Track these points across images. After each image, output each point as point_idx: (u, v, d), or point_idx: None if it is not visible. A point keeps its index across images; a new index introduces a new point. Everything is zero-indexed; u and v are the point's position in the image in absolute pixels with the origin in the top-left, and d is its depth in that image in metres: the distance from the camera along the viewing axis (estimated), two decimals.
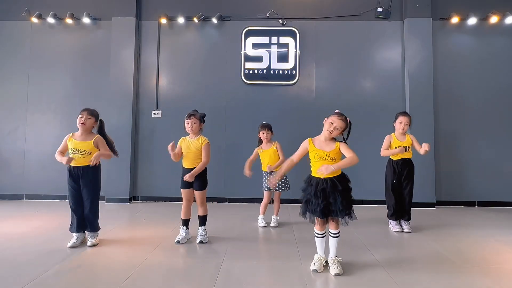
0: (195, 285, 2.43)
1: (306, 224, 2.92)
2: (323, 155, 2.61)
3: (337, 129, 2.60)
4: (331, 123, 2.61)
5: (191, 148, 3.31)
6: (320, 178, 2.61)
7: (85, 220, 3.25)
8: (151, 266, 2.75)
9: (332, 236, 2.68)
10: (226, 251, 3.12)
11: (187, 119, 3.34)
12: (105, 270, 2.68)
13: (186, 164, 3.34)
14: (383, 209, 4.40)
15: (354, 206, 2.68)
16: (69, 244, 3.16)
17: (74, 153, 3.20)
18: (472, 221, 4.34)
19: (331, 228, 2.68)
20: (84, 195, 3.22)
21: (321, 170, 2.54)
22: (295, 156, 2.74)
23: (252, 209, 4.70)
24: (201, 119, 3.40)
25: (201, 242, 3.32)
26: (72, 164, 3.18)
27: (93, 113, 3.32)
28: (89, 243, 3.21)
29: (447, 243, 3.40)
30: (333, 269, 2.60)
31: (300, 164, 2.76)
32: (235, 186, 5.36)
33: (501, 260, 2.96)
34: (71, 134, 3.29)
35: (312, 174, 2.70)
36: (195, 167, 3.27)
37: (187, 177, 3.21)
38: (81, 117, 3.24)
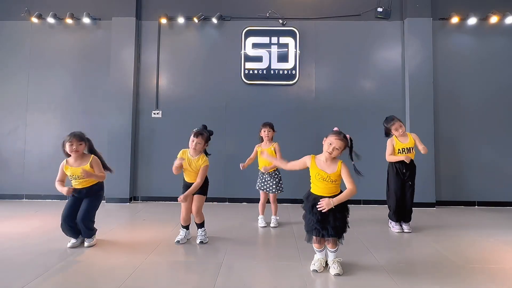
0: (195, 285, 2.43)
1: None
2: (324, 176, 2.55)
3: (336, 149, 2.52)
4: (329, 144, 2.54)
5: (191, 166, 3.27)
6: (319, 195, 2.57)
7: (80, 230, 3.20)
8: (151, 266, 2.75)
9: (331, 252, 2.66)
10: (226, 251, 3.12)
11: (194, 137, 3.24)
12: (105, 270, 2.68)
13: (188, 179, 3.32)
14: (383, 209, 4.41)
15: (355, 206, 2.67)
16: (69, 244, 3.16)
17: (74, 179, 3.18)
18: (472, 221, 4.34)
19: (329, 247, 2.65)
20: (82, 208, 3.19)
21: (321, 205, 2.47)
22: (291, 164, 2.69)
23: (252, 209, 4.71)
24: (208, 138, 3.33)
25: (201, 242, 3.32)
26: (75, 186, 3.20)
27: (82, 138, 3.22)
28: (86, 244, 3.21)
29: (447, 243, 3.40)
30: (333, 269, 2.60)
31: (302, 170, 2.74)
32: (235, 186, 5.36)
33: (501, 260, 2.95)
34: (65, 161, 3.21)
35: (311, 190, 2.65)
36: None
37: (181, 198, 3.18)
38: (71, 145, 3.13)
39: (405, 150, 3.79)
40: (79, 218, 3.14)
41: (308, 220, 2.60)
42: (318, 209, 2.50)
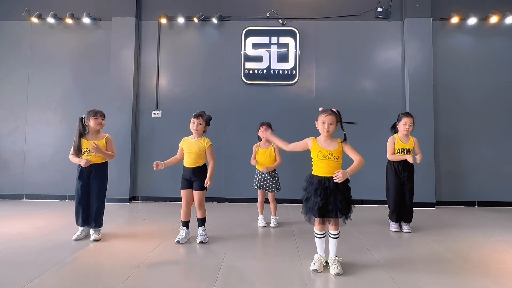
0: (195, 285, 2.43)
1: (306, 224, 2.92)
2: (326, 154, 2.62)
3: (331, 124, 2.63)
4: (323, 123, 2.65)
5: (193, 148, 3.32)
6: (322, 176, 2.62)
7: (91, 215, 3.37)
8: (151, 266, 2.75)
9: (332, 237, 2.68)
10: (226, 251, 3.12)
11: (194, 119, 3.34)
12: (105, 270, 2.68)
13: (187, 164, 3.35)
14: (383, 209, 4.41)
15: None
16: (74, 237, 3.30)
17: (87, 152, 3.35)
18: (472, 221, 4.34)
19: (331, 229, 2.68)
20: (92, 191, 3.38)
21: (337, 177, 2.51)
22: (292, 145, 2.78)
23: (252, 209, 4.71)
24: (207, 121, 3.43)
25: (201, 242, 3.32)
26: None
27: (104, 116, 3.54)
28: (92, 237, 3.33)
29: (447, 243, 3.40)
30: (333, 269, 2.61)
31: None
32: (235, 186, 5.36)
33: (501, 260, 2.96)
34: None
35: (313, 173, 2.70)
36: (197, 166, 3.32)
37: (207, 183, 3.23)
38: (96, 119, 3.42)
39: (404, 151, 3.81)
40: (95, 197, 3.36)
41: (312, 202, 2.61)
42: (334, 180, 2.53)
